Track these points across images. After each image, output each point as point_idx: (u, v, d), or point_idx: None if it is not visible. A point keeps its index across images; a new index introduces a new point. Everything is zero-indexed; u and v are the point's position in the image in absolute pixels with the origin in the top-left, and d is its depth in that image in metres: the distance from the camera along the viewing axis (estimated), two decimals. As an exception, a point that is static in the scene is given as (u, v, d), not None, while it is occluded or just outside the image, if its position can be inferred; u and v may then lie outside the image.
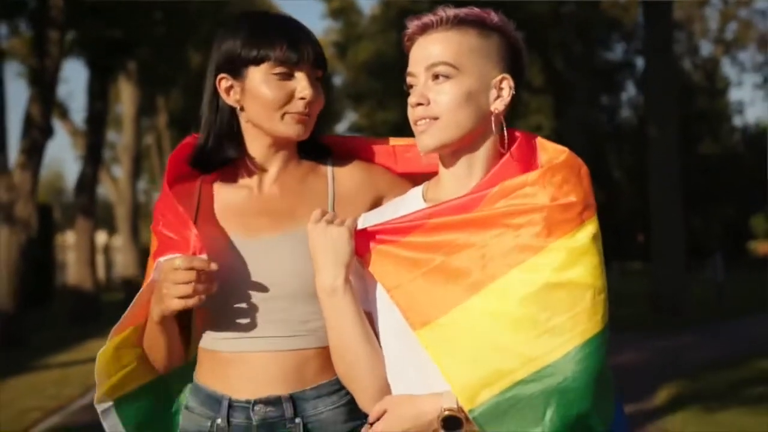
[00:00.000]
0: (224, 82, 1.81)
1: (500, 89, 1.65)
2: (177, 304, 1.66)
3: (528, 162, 1.65)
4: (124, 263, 26.37)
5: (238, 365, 1.78)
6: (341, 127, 40.81)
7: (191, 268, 1.65)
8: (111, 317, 1.62)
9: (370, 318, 1.70)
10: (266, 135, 1.83)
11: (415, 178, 1.90)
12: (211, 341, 1.82)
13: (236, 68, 1.79)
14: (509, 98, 1.65)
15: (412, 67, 1.67)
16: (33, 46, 14.80)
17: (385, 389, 1.66)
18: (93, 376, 1.87)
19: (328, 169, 1.91)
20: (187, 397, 1.91)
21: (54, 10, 13.57)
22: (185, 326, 1.87)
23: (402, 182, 1.92)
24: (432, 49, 1.64)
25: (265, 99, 1.78)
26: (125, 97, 25.75)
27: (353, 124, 38.91)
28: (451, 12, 1.65)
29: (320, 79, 1.83)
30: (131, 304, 1.81)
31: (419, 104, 1.65)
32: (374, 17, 32.97)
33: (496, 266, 1.57)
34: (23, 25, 15.17)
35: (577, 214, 1.59)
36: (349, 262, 1.66)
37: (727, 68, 40.64)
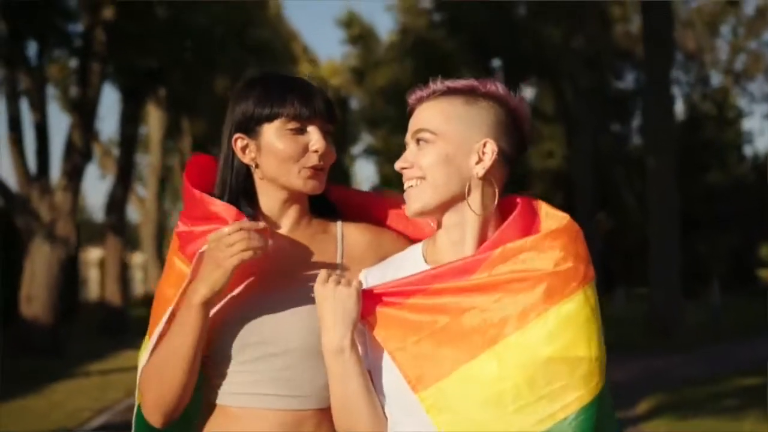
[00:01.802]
0: (240, 141, 1.83)
1: (483, 153, 1.67)
2: (234, 261, 1.69)
3: (529, 227, 1.67)
4: (149, 279, 27.38)
5: (240, 420, 1.80)
6: (357, 149, 41.72)
7: (240, 230, 1.70)
8: (138, 330, 1.67)
9: (371, 378, 1.72)
10: (280, 191, 1.86)
11: None
12: (215, 394, 1.83)
13: (251, 127, 1.82)
14: (491, 162, 1.66)
15: (406, 137, 1.74)
16: (77, 77, 15.88)
17: None
18: (133, 382, 1.94)
19: (338, 229, 1.93)
20: None
21: (97, 43, 14.65)
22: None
23: (406, 242, 1.95)
24: (419, 117, 1.71)
25: (280, 154, 1.80)
26: (152, 120, 26.86)
27: (369, 146, 39.81)
28: (443, 84, 1.71)
29: (331, 134, 1.87)
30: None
31: (404, 168, 1.71)
32: (392, 44, 33.78)
33: (496, 331, 1.59)
34: (65, 55, 16.20)
35: (575, 280, 1.61)
36: (356, 322, 1.67)
37: (740, 98, 41.14)
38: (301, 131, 1.81)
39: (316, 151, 1.80)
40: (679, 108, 35.75)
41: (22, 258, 14.88)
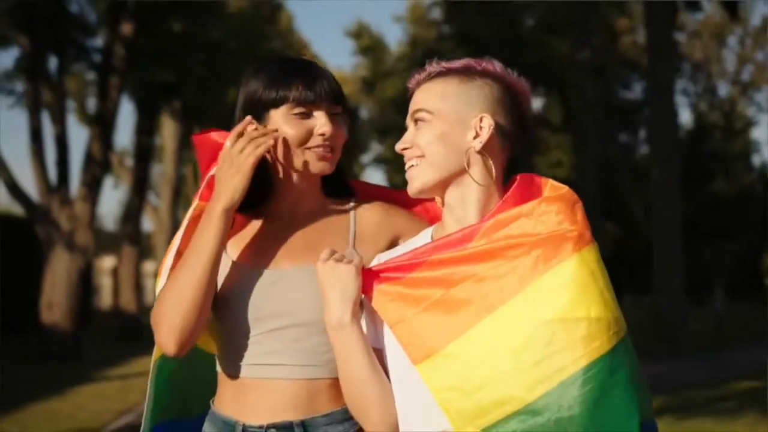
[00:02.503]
0: (251, 126, 1.87)
1: (480, 128, 1.69)
2: (250, 160, 1.78)
3: (530, 198, 1.67)
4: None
5: (255, 391, 1.83)
6: (366, 158, 42.10)
7: (242, 133, 1.82)
8: (153, 337, 1.88)
9: (379, 355, 1.72)
10: (293, 172, 1.90)
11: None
12: (229, 365, 1.87)
13: (258, 112, 1.86)
14: (488, 136, 1.68)
15: (406, 120, 1.78)
16: (96, 91, 16.36)
17: (393, 423, 1.67)
18: None
19: (350, 208, 1.97)
20: (205, 424, 1.94)
21: (116, 58, 15.12)
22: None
23: (420, 223, 1.97)
24: (416, 99, 1.75)
25: (287, 138, 1.84)
26: (167, 131, 27.30)
27: (378, 155, 40.22)
28: (438, 65, 1.75)
29: (340, 114, 1.90)
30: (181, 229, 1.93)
31: (404, 149, 1.74)
32: (401, 55, 34.21)
33: (495, 298, 1.59)
34: (85, 69, 16.68)
35: (572, 243, 1.60)
36: (356, 300, 1.70)
37: (747, 108, 41.39)
38: (307, 115, 1.84)
39: (322, 134, 1.84)
40: (687, 118, 36.13)
41: (41, 266, 15.31)
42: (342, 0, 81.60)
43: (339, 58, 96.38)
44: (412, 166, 1.72)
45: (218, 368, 1.91)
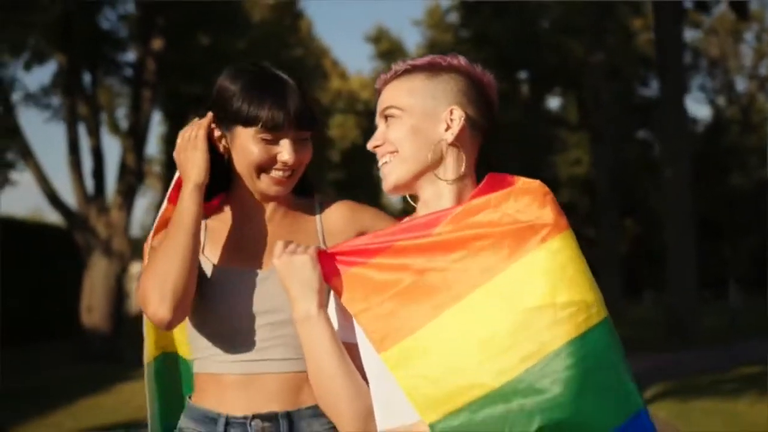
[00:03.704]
0: (216, 131, 1.90)
1: (450, 120, 1.69)
2: (201, 130, 1.88)
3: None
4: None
5: (240, 386, 1.84)
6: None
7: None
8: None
9: (352, 350, 1.67)
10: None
11: None
12: (213, 365, 1.87)
13: (226, 123, 1.86)
14: (459, 128, 1.68)
15: (375, 119, 1.77)
16: (130, 104, 17.15)
17: (365, 420, 1.63)
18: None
19: (316, 205, 2.00)
20: (180, 420, 1.93)
21: (148, 72, 15.89)
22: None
23: (386, 217, 2.00)
24: (384, 97, 1.74)
25: (249, 159, 1.84)
26: (192, 139, 28.07)
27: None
28: (404, 63, 1.74)
29: (308, 138, 1.89)
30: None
31: (377, 146, 1.74)
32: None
33: (461, 287, 1.58)
34: (119, 83, 17.46)
35: (538, 235, 1.59)
36: (318, 289, 1.67)
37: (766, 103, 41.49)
38: (273, 141, 1.84)
39: (284, 163, 1.84)
40: (705, 113, 36.25)
41: (80, 272, 16.09)
42: (361, 5, 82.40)
43: (359, 63, 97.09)
44: (386, 162, 1.73)
45: (196, 369, 1.92)
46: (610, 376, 1.56)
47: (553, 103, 36.11)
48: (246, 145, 1.84)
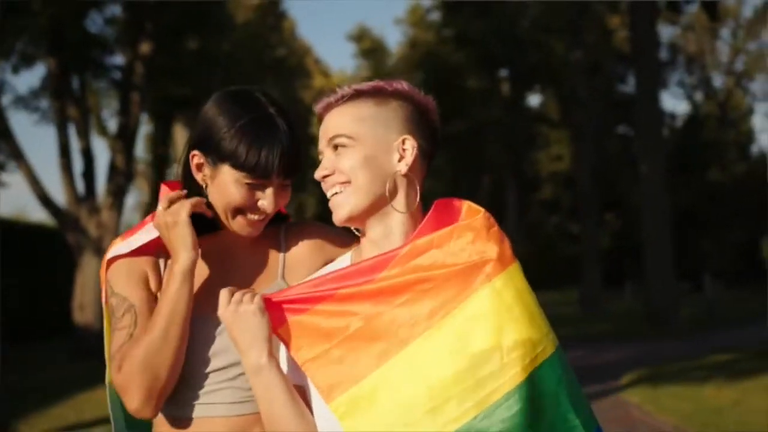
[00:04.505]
0: (197, 158, 1.82)
1: (403, 150, 1.65)
2: (186, 211, 1.78)
3: (448, 224, 1.64)
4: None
5: (195, 427, 1.83)
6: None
7: (170, 205, 1.80)
8: None
9: (302, 393, 1.67)
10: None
11: None
12: (172, 408, 1.85)
13: (213, 157, 1.80)
14: (413, 158, 1.65)
15: (319, 145, 1.71)
16: (119, 107, 17.51)
17: None
18: None
19: (281, 235, 1.95)
20: None
21: (136, 76, 16.26)
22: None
23: (352, 242, 1.91)
24: (330, 124, 1.68)
25: (228, 199, 1.80)
26: (179, 139, 28.37)
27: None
28: (350, 88, 1.68)
29: (290, 184, 1.85)
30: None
31: (326, 176, 1.68)
32: (401, 57, 35.07)
33: (407, 332, 1.55)
34: (108, 87, 17.82)
35: (483, 273, 1.57)
36: (267, 337, 1.64)
37: (745, 98, 42.16)
38: (257, 187, 1.79)
39: (264, 210, 1.81)
40: (684, 109, 36.82)
41: (72, 271, 16.44)
42: (343, 4, 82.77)
43: (341, 61, 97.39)
44: (336, 193, 1.67)
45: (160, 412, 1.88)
46: (556, 414, 1.55)
47: (534, 100, 36.60)
48: (228, 186, 1.79)
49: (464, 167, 31.46)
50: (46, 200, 15.76)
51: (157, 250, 1.88)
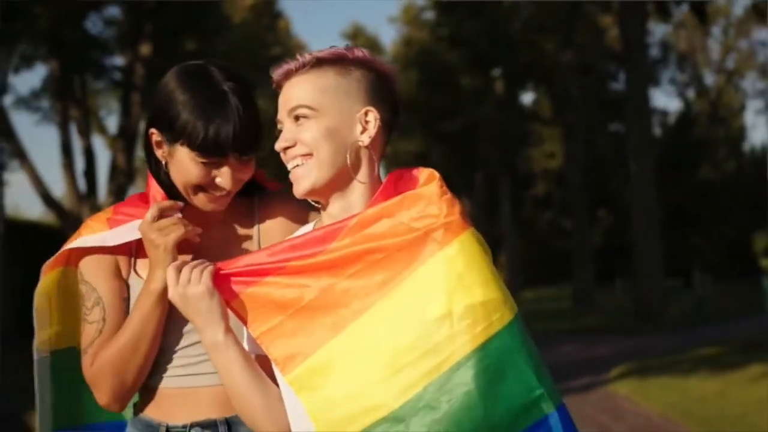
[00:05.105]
0: (155, 136, 1.80)
1: (366, 122, 1.63)
2: (173, 238, 1.73)
3: (401, 194, 1.61)
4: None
5: (176, 398, 1.84)
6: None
7: (161, 214, 1.76)
8: None
9: (264, 361, 1.64)
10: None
11: None
12: (150, 379, 1.85)
13: (169, 135, 1.77)
14: (375, 130, 1.63)
15: (279, 114, 1.67)
16: (120, 108, 17.82)
17: (286, 429, 1.60)
18: None
19: (255, 206, 1.94)
20: (127, 429, 1.93)
21: (137, 77, 16.57)
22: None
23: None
24: (291, 94, 1.64)
25: (186, 177, 1.77)
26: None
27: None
28: (311, 55, 1.64)
29: (251, 159, 1.80)
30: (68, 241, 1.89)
31: (287, 148, 1.65)
32: (396, 55, 35.31)
33: (361, 302, 1.54)
34: (109, 87, 18.12)
35: (435, 241, 1.54)
36: (221, 314, 1.62)
37: (736, 96, 42.53)
38: (215, 165, 1.75)
39: (222, 187, 1.78)
40: (676, 106, 37.09)
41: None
42: (338, 2, 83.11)
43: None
44: (297, 165, 1.64)
45: (145, 383, 1.89)
46: (518, 383, 1.50)
47: (527, 98, 36.93)
48: (185, 164, 1.76)
49: (458, 164, 31.78)
50: (48, 199, 16.05)
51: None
